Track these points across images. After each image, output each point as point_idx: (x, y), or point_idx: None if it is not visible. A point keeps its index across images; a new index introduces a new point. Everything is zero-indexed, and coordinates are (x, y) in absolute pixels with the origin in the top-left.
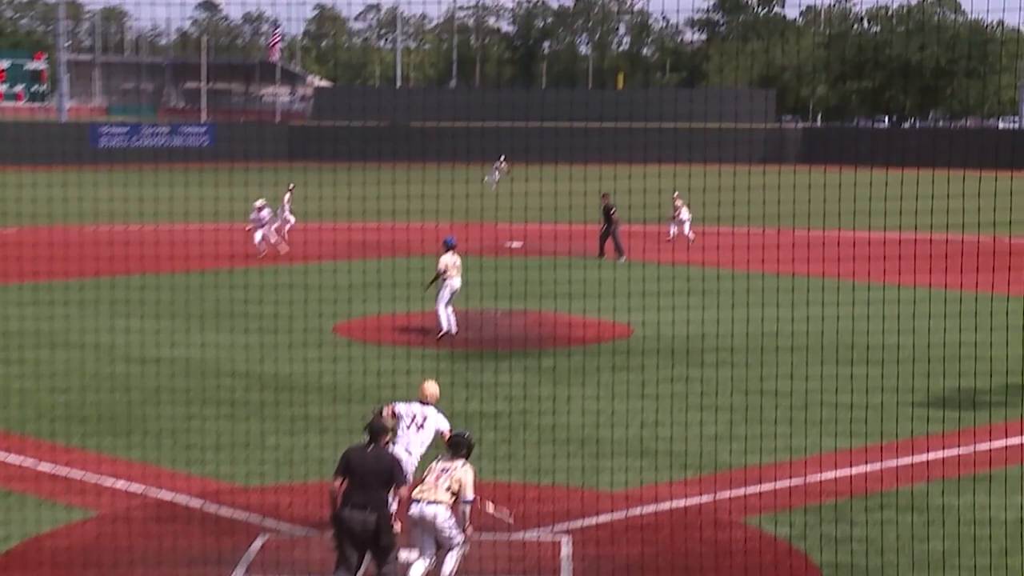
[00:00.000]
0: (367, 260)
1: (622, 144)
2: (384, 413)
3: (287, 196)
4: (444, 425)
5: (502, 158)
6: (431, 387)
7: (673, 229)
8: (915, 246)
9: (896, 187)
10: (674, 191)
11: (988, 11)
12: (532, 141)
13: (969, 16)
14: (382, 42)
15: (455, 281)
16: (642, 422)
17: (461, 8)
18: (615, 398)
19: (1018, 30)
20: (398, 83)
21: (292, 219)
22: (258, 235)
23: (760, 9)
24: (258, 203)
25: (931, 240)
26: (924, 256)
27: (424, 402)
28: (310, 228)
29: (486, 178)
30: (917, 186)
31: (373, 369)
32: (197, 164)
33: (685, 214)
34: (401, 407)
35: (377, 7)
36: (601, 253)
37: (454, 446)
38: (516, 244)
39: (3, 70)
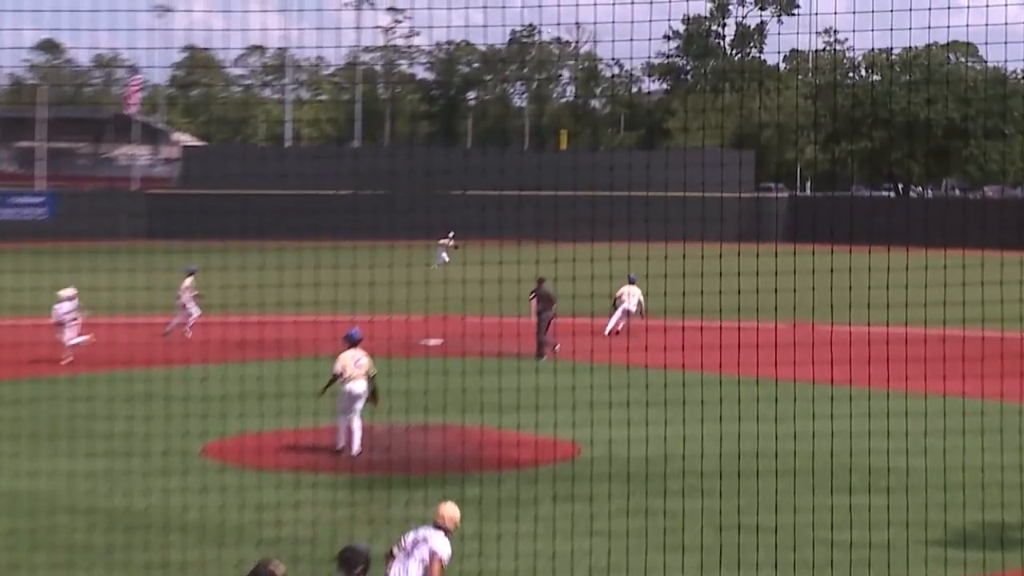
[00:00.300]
0: (246, 364)
1: (565, 217)
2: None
3: (187, 283)
4: (442, 550)
5: (450, 235)
6: (449, 509)
7: (617, 320)
8: (926, 345)
9: (902, 272)
10: (629, 275)
11: (1006, 59)
12: (454, 214)
13: (986, 64)
14: (268, 91)
15: (355, 385)
16: (591, 566)
17: (366, 50)
18: (557, 536)
19: None
20: (287, 142)
21: (195, 313)
22: (69, 335)
23: (734, 52)
24: (66, 292)
25: (945, 337)
26: (937, 357)
27: (438, 525)
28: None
29: (431, 263)
30: (926, 271)
31: (252, 501)
32: (32, 243)
33: (634, 305)
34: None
35: (261, 48)
36: (540, 353)
37: (347, 562)
38: (434, 342)
39: None
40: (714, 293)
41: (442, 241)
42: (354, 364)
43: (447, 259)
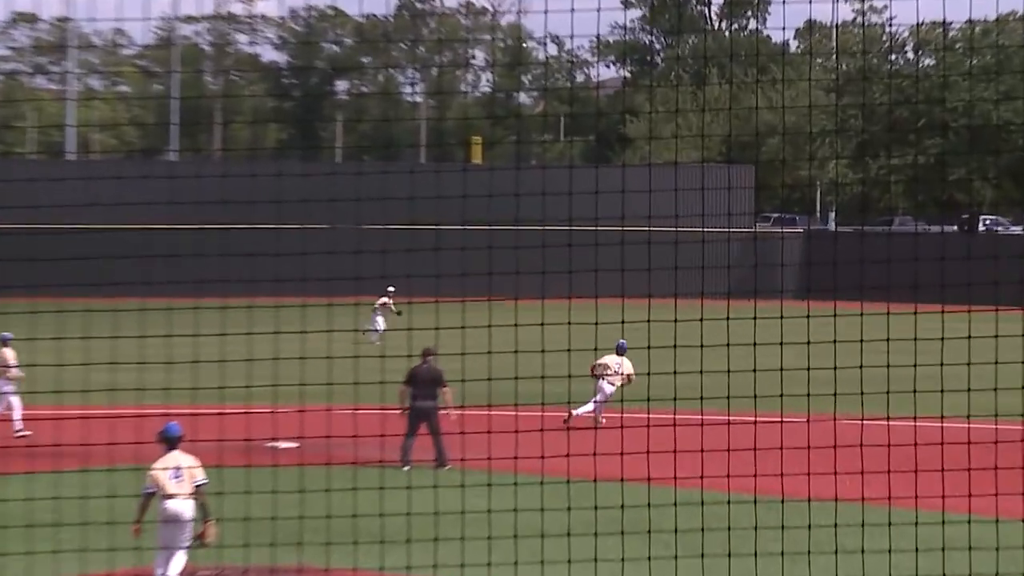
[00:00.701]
0: (8, 479)
1: (477, 262)
2: None
3: (5, 355)
4: None
5: (389, 290)
6: None
7: (596, 405)
8: (997, 447)
9: (962, 342)
10: (618, 342)
11: None
12: (317, 263)
13: None
14: (42, 80)
15: (176, 504)
16: None
17: (187, 20)
18: None
19: None
20: (71, 153)
21: (16, 405)
22: None
23: (724, 25)
24: None
25: None
26: (1015, 465)
27: None
28: None
29: (368, 327)
30: (997, 340)
31: None
32: None
33: (608, 387)
34: None
35: (32, 18)
36: (441, 461)
37: None
38: (286, 445)
39: None
40: (693, 373)
41: (382, 301)
42: (173, 474)
43: (382, 326)
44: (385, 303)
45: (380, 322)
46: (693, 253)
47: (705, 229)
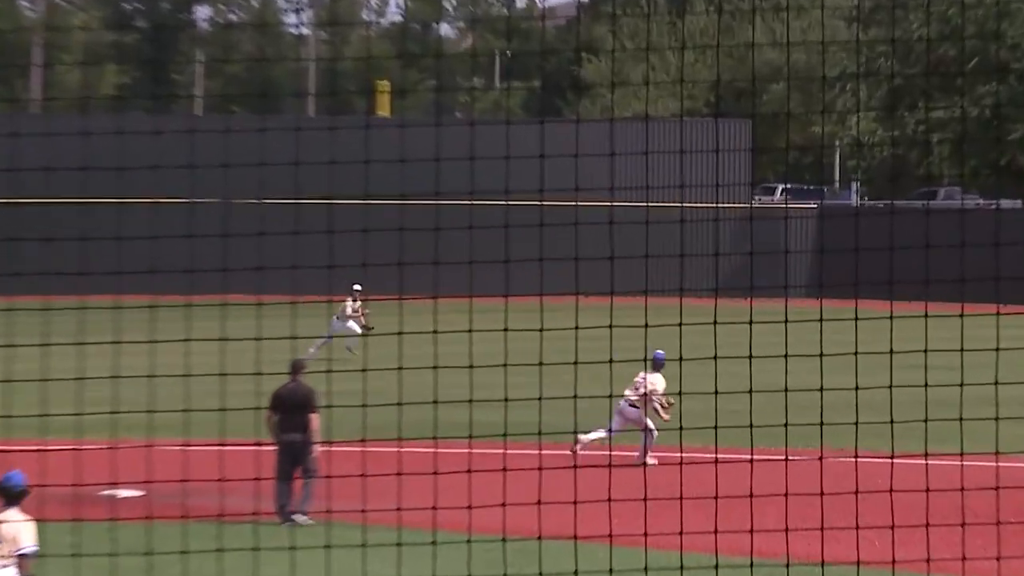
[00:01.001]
0: None
1: (382, 246)
2: None
3: None
4: None
5: (356, 289)
6: None
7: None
8: None
9: (1021, 357)
10: (655, 354)
11: None
12: (168, 245)
13: None
14: None
15: None
16: None
17: None
18: None
19: None
20: None
21: None
22: None
23: None
24: None
25: None
26: None
27: None
28: None
29: (324, 337)
30: None
31: None
32: None
33: (630, 410)
34: None
35: None
36: (300, 507)
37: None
38: (128, 493)
39: None
40: (670, 394)
41: (352, 305)
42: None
43: (355, 341)
44: (353, 307)
45: (354, 325)
46: (670, 236)
47: (686, 204)
